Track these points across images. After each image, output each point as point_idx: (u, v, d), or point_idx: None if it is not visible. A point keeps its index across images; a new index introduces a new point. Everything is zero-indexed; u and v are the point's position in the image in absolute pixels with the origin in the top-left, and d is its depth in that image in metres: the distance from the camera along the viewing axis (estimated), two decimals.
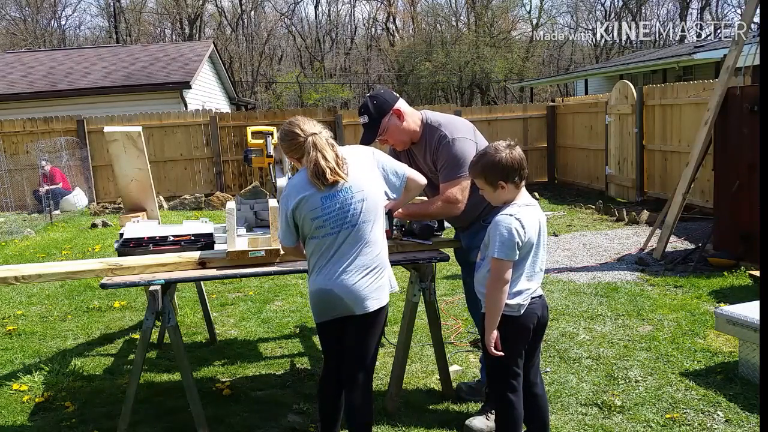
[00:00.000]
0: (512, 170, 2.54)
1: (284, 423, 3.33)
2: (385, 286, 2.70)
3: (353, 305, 2.62)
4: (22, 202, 12.17)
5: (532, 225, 2.55)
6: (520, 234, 2.50)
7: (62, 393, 3.83)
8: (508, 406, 2.67)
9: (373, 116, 3.11)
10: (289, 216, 2.62)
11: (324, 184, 2.54)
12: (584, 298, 5.31)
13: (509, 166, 2.53)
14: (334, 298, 2.62)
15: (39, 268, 3.16)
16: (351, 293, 2.60)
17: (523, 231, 2.51)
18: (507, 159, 2.53)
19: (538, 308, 2.66)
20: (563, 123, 13.10)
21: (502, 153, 2.54)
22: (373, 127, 3.12)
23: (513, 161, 2.54)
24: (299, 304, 5.52)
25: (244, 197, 3.75)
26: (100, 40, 37.56)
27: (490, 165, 2.56)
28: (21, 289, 6.27)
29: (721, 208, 6.28)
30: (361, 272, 2.61)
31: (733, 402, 3.33)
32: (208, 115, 12.97)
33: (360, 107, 3.18)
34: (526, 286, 2.60)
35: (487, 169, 2.57)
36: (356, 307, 2.63)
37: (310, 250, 2.67)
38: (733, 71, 6.27)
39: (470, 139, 3.13)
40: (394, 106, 3.13)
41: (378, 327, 2.72)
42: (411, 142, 3.23)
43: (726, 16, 35.19)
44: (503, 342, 2.60)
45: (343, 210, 2.57)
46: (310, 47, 40.52)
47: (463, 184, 3.07)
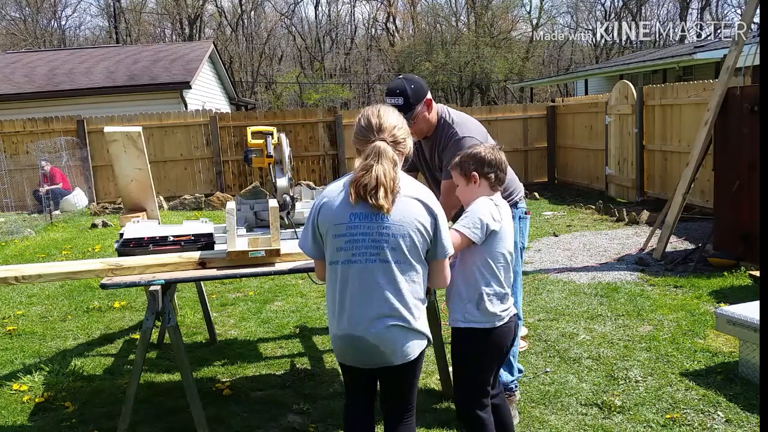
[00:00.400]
0: (488, 164, 2.47)
1: (284, 423, 3.33)
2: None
3: (392, 355, 2.22)
4: (22, 202, 12.17)
5: (507, 220, 2.48)
6: (495, 218, 2.40)
7: (62, 393, 3.83)
8: (482, 426, 2.49)
9: (409, 100, 2.99)
10: (314, 219, 2.25)
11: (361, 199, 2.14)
12: (584, 298, 5.31)
13: (486, 159, 2.48)
14: (367, 346, 2.20)
15: (39, 268, 3.16)
16: (387, 342, 2.19)
17: (500, 218, 2.43)
18: (486, 152, 2.49)
19: (512, 328, 2.53)
20: (563, 123, 13.10)
21: (486, 148, 2.52)
22: (407, 111, 2.98)
23: (493, 156, 2.48)
24: (299, 304, 5.52)
25: (244, 197, 3.75)
26: (100, 40, 37.56)
27: (467, 154, 2.52)
28: (21, 289, 6.27)
29: (721, 208, 6.28)
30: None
31: (733, 402, 3.33)
32: (208, 115, 12.97)
33: (394, 88, 3.02)
34: (503, 292, 2.47)
35: (464, 158, 2.53)
36: (395, 357, 2.23)
37: (328, 277, 2.26)
38: (733, 71, 6.27)
39: (479, 140, 3.11)
40: (428, 94, 3.08)
41: (419, 368, 2.34)
42: (426, 135, 3.20)
43: (726, 16, 35.23)
44: (474, 357, 2.46)
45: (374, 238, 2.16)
46: (310, 47, 40.52)
47: None
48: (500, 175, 2.49)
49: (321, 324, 5.00)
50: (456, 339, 2.48)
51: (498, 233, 2.43)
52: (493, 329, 2.44)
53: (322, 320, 5.08)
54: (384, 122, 2.24)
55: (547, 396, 3.53)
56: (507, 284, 2.51)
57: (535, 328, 4.63)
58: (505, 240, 2.47)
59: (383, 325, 2.17)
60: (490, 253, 2.43)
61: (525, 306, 5.05)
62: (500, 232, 2.44)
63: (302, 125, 13.04)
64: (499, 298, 2.45)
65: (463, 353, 2.49)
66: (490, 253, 2.43)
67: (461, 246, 2.39)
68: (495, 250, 2.44)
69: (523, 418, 3.29)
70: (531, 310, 5.03)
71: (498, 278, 2.45)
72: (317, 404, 3.54)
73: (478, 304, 2.42)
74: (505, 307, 2.48)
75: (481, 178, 2.48)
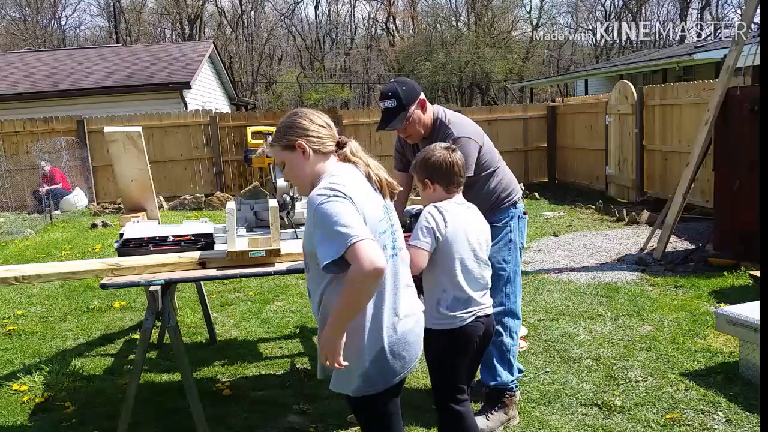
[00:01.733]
0: (439, 170, 2.47)
1: (284, 423, 3.33)
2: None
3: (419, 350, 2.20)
4: (22, 202, 12.16)
5: (458, 223, 2.45)
6: (439, 225, 2.40)
7: (62, 393, 3.83)
8: (456, 416, 2.49)
9: (402, 102, 3.00)
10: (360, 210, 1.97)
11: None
12: (584, 298, 5.31)
13: (435, 165, 2.48)
14: (417, 339, 2.17)
15: (39, 268, 3.16)
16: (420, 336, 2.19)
17: (444, 224, 2.41)
18: (437, 158, 2.48)
19: (481, 328, 2.52)
20: (563, 123, 13.10)
21: (436, 152, 2.51)
22: (400, 113, 3.01)
23: (444, 161, 2.47)
24: (299, 304, 5.52)
25: (244, 197, 3.75)
26: (100, 40, 37.57)
27: (421, 161, 2.54)
28: (21, 289, 6.27)
29: (721, 208, 6.27)
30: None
31: (733, 402, 3.33)
32: (208, 116, 12.97)
33: (386, 91, 3.05)
34: (464, 296, 2.46)
35: (418, 165, 2.55)
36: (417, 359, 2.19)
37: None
38: (733, 71, 6.27)
39: (475, 141, 3.10)
40: (420, 95, 3.08)
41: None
42: (423, 137, 3.20)
43: (726, 16, 35.25)
44: (439, 357, 2.49)
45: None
46: (310, 47, 40.52)
47: None
48: (453, 179, 2.49)
49: None
50: (425, 339, 2.48)
51: (445, 238, 2.43)
52: (453, 330, 2.46)
53: None
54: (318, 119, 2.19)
55: (547, 396, 3.53)
56: (475, 286, 2.50)
57: (535, 328, 4.63)
58: (457, 243, 2.45)
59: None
60: (442, 259, 2.45)
61: (525, 306, 5.05)
62: (448, 237, 2.43)
63: None
64: (458, 302, 2.46)
65: (431, 353, 2.50)
66: (443, 260, 2.45)
67: (418, 258, 2.41)
68: (447, 256, 2.44)
69: (523, 418, 3.29)
70: (531, 310, 5.03)
71: (457, 283, 2.46)
72: (317, 404, 3.54)
73: (436, 307, 2.46)
74: (468, 310, 2.47)
75: (433, 183, 2.51)
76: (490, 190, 3.20)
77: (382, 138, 12.83)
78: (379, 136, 12.77)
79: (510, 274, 3.25)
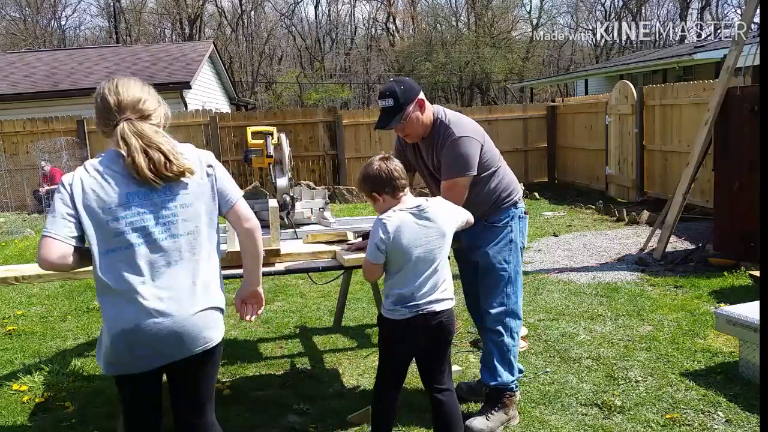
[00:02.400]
0: (381, 181, 2.59)
1: (284, 423, 3.33)
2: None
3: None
4: (22, 202, 12.17)
5: (399, 229, 2.54)
6: (382, 237, 2.54)
7: (62, 393, 3.83)
8: (375, 396, 2.76)
9: (399, 101, 3.01)
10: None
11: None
12: (584, 298, 5.31)
13: (377, 177, 2.59)
14: (170, 339, 2.13)
15: (39, 268, 3.15)
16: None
17: (386, 235, 2.53)
18: (374, 171, 2.60)
19: (427, 323, 2.61)
20: (563, 123, 13.10)
21: (373, 165, 2.62)
22: (397, 112, 3.03)
23: (381, 172, 2.58)
24: (299, 304, 5.52)
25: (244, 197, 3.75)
26: (100, 40, 37.57)
27: (362, 178, 2.65)
28: (21, 289, 6.27)
29: (721, 208, 6.27)
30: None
31: (733, 402, 3.33)
32: (208, 116, 12.97)
33: (384, 90, 3.07)
34: (407, 293, 2.58)
35: (361, 183, 2.67)
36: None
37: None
38: (733, 71, 6.27)
39: (477, 140, 3.10)
40: (419, 95, 3.08)
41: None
42: (422, 136, 3.20)
43: (726, 16, 35.24)
44: (382, 341, 2.75)
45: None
46: (310, 47, 40.52)
47: (460, 182, 3.05)
48: (395, 183, 2.59)
49: (321, 324, 5.00)
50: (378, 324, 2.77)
51: (390, 247, 2.55)
52: (394, 321, 2.62)
53: (322, 320, 5.08)
54: (123, 98, 2.09)
55: (547, 396, 3.53)
56: (423, 285, 2.60)
57: (535, 328, 4.63)
58: (400, 249, 2.55)
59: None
60: (390, 261, 2.61)
61: (525, 306, 5.04)
62: (392, 245, 2.55)
63: (302, 125, 13.04)
64: (403, 298, 2.59)
65: (379, 338, 2.79)
66: (390, 262, 2.61)
67: (366, 270, 2.66)
68: (392, 259, 2.59)
69: (523, 418, 3.29)
70: (531, 310, 5.03)
71: (401, 282, 2.60)
72: (317, 404, 3.54)
73: (385, 300, 2.67)
74: (410, 305, 2.59)
75: (381, 195, 2.62)
76: (490, 189, 3.20)
77: (382, 138, 12.84)
78: (379, 135, 12.77)
79: (511, 274, 3.24)
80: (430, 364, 2.74)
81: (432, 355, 2.71)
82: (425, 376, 2.77)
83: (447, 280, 2.69)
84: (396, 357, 2.71)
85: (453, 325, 2.72)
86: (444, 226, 2.65)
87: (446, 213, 2.69)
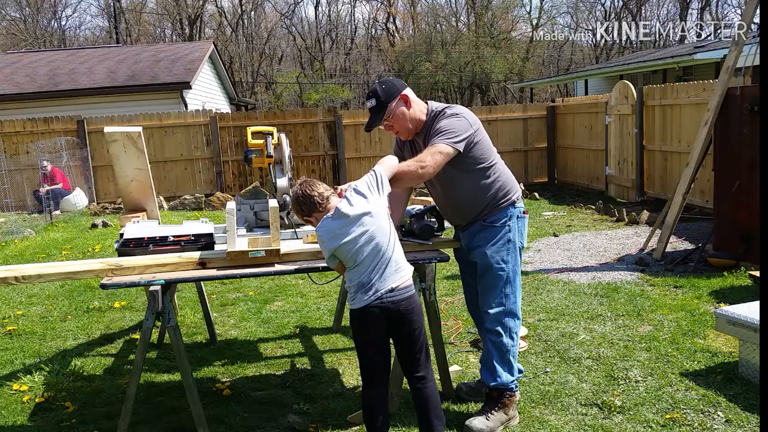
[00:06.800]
0: (302, 204, 2.77)
1: (284, 423, 3.33)
2: None
3: None
4: (23, 202, 12.17)
5: (328, 234, 2.71)
6: (324, 245, 2.74)
7: (62, 393, 3.83)
8: (363, 399, 2.85)
9: (381, 100, 3.08)
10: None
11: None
12: (584, 298, 5.31)
13: (297, 201, 2.78)
14: None
15: (39, 268, 3.16)
16: None
17: (323, 244, 2.75)
18: (294, 198, 2.79)
19: (385, 307, 2.72)
20: (563, 123, 13.10)
21: (292, 192, 2.80)
22: (380, 111, 3.09)
23: (298, 197, 2.77)
24: (299, 304, 5.52)
25: (244, 197, 3.75)
26: (100, 40, 37.58)
27: (291, 206, 2.86)
28: (21, 289, 6.28)
29: (721, 208, 6.27)
30: None
31: (733, 402, 3.33)
32: (208, 116, 12.98)
33: (369, 93, 3.15)
34: (364, 281, 2.72)
35: (293, 211, 2.87)
36: None
37: None
38: (733, 71, 6.27)
39: (467, 120, 3.10)
40: (402, 91, 3.11)
41: None
42: (415, 132, 3.19)
43: (726, 16, 35.24)
44: (353, 337, 2.88)
45: None
46: (310, 47, 40.52)
47: (438, 148, 2.98)
48: (314, 200, 2.75)
49: (321, 324, 5.00)
50: None
51: (333, 250, 2.72)
52: (355, 309, 2.75)
53: (322, 320, 5.08)
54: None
55: (547, 396, 3.53)
56: (376, 272, 2.72)
57: (535, 328, 4.63)
58: (341, 248, 2.71)
59: None
60: (344, 260, 2.76)
61: (525, 306, 5.06)
62: (334, 248, 2.72)
63: (302, 125, 13.05)
64: (361, 286, 2.73)
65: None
66: (345, 260, 2.76)
67: (336, 268, 2.83)
68: (344, 256, 2.74)
69: (523, 418, 3.29)
70: (531, 310, 5.03)
71: (359, 272, 2.73)
72: (317, 404, 3.54)
73: (348, 296, 2.82)
74: (369, 293, 2.72)
75: (311, 215, 2.79)
76: (486, 186, 3.18)
77: (382, 138, 12.85)
78: (379, 135, 12.78)
79: (509, 274, 3.24)
80: (401, 352, 2.86)
81: (401, 343, 2.83)
82: (403, 367, 2.89)
83: (403, 267, 2.77)
84: (363, 348, 2.81)
85: (415, 313, 2.78)
86: (363, 209, 2.71)
87: (359, 197, 2.74)
